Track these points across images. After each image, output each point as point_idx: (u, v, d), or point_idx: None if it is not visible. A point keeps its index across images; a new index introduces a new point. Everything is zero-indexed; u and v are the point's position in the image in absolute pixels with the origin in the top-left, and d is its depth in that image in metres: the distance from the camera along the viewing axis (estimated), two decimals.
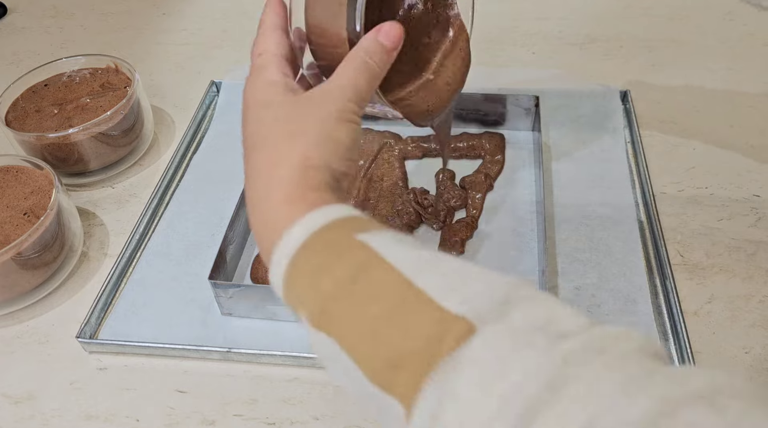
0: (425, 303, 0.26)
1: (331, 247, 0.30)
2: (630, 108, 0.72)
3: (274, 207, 0.33)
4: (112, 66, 0.72)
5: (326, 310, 0.29)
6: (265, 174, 0.34)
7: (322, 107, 0.35)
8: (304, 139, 0.34)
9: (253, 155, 0.36)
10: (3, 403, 0.51)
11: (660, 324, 0.53)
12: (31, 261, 0.55)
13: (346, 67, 0.36)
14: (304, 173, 0.33)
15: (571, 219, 0.60)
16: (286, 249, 0.31)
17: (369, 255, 0.29)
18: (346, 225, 0.31)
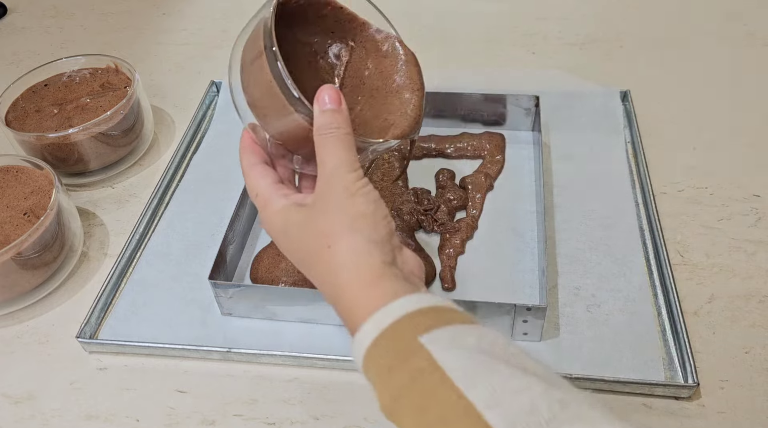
0: (474, 418, 0.28)
1: (397, 349, 0.33)
2: (630, 108, 0.72)
3: (347, 311, 0.36)
4: (112, 66, 0.72)
5: (393, 408, 0.32)
6: (327, 287, 0.38)
7: (330, 203, 0.37)
8: (338, 239, 0.37)
9: (309, 272, 0.39)
10: (3, 403, 0.51)
11: (660, 324, 0.53)
12: (31, 261, 0.55)
13: (321, 153, 0.38)
14: (358, 270, 0.36)
15: (571, 220, 0.60)
16: (361, 344, 0.34)
17: (428, 361, 0.31)
18: (411, 323, 0.33)
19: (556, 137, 0.69)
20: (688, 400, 0.48)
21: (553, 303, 0.54)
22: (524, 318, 0.49)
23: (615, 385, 0.48)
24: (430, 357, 0.31)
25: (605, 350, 0.50)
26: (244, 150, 0.45)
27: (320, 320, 0.53)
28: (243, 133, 0.45)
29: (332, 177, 0.38)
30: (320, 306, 0.52)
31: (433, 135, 0.68)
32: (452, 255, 0.58)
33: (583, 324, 0.52)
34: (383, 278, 0.35)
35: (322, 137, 0.38)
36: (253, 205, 0.62)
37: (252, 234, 0.61)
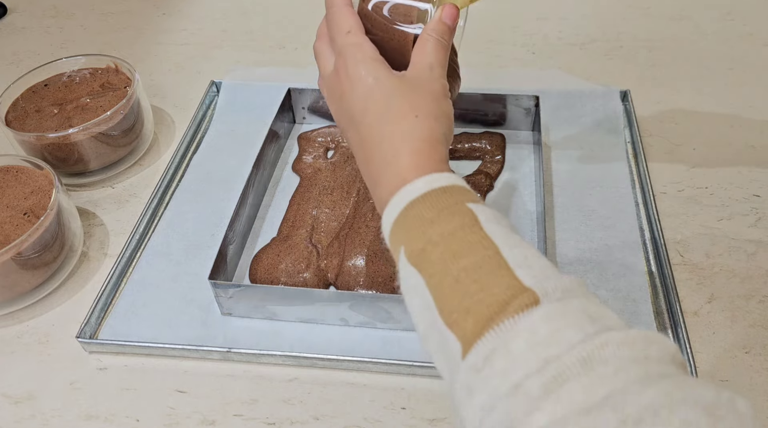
0: (505, 269, 0.32)
1: (445, 205, 0.35)
2: (630, 108, 0.72)
3: (403, 166, 0.38)
4: (112, 66, 0.72)
5: (425, 251, 0.34)
6: (395, 141, 0.39)
7: (429, 86, 0.41)
8: (426, 115, 0.40)
9: (374, 125, 0.40)
10: (3, 403, 0.51)
11: (660, 324, 0.53)
12: (31, 261, 0.55)
13: (426, 48, 0.42)
14: (432, 145, 0.39)
15: (571, 220, 0.60)
16: (407, 195, 0.36)
17: (472, 220, 0.34)
18: (460, 193, 0.36)
19: (556, 137, 0.69)
20: None
21: None
22: None
23: None
24: (474, 218, 0.34)
25: None
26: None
27: (320, 320, 0.53)
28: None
29: (435, 69, 0.41)
30: (320, 306, 0.52)
31: None
32: None
33: None
34: (440, 162, 0.38)
35: (430, 38, 0.42)
36: (253, 204, 0.62)
37: (252, 234, 0.61)
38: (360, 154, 0.41)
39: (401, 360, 0.50)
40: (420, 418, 0.48)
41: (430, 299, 0.33)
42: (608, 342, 0.28)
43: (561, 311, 0.29)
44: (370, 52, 0.41)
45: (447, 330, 0.32)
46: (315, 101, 0.72)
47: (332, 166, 0.66)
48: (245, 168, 0.63)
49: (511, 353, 0.29)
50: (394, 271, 0.55)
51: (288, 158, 0.69)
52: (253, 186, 0.62)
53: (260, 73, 0.81)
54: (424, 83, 0.41)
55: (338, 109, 0.43)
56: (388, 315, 0.52)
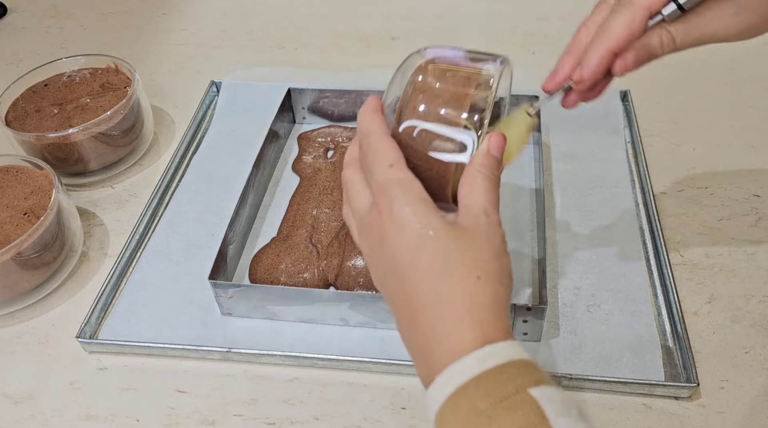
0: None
1: (503, 395, 0.30)
2: (630, 108, 0.72)
3: (465, 339, 0.32)
4: (112, 66, 0.72)
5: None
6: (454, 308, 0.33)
7: (489, 239, 0.35)
8: (489, 276, 0.34)
9: (426, 284, 0.34)
10: (3, 403, 0.51)
11: (660, 324, 0.53)
12: (31, 261, 0.55)
13: (475, 186, 0.36)
14: (496, 314, 0.33)
15: (571, 220, 0.60)
16: (455, 376, 0.31)
17: (538, 416, 0.29)
18: (520, 372, 0.31)
19: (556, 137, 0.69)
20: (688, 400, 0.48)
21: (553, 303, 0.54)
22: (524, 318, 0.49)
23: (615, 385, 0.48)
24: (540, 412, 0.29)
25: (605, 350, 0.50)
26: (375, 111, 0.39)
27: (320, 320, 0.53)
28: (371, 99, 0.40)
29: (490, 214, 0.36)
30: (320, 306, 0.52)
31: None
32: None
33: (583, 324, 0.52)
34: (509, 332, 0.33)
35: (479, 174, 0.37)
36: (253, 204, 0.62)
37: (252, 234, 0.61)
38: (402, 311, 0.35)
39: (401, 360, 0.50)
40: (420, 418, 0.48)
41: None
42: None
43: None
44: (419, 192, 0.36)
45: None
46: (315, 101, 0.72)
47: (332, 166, 0.66)
48: (245, 168, 0.63)
49: None
50: None
51: (288, 158, 0.69)
52: (253, 186, 0.62)
53: (260, 73, 0.81)
54: (482, 234, 0.35)
55: (377, 253, 0.36)
56: (388, 315, 0.52)
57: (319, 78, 0.79)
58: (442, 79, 0.40)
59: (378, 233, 0.36)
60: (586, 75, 0.41)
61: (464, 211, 0.36)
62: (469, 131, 0.38)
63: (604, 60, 0.41)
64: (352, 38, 0.88)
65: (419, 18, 0.90)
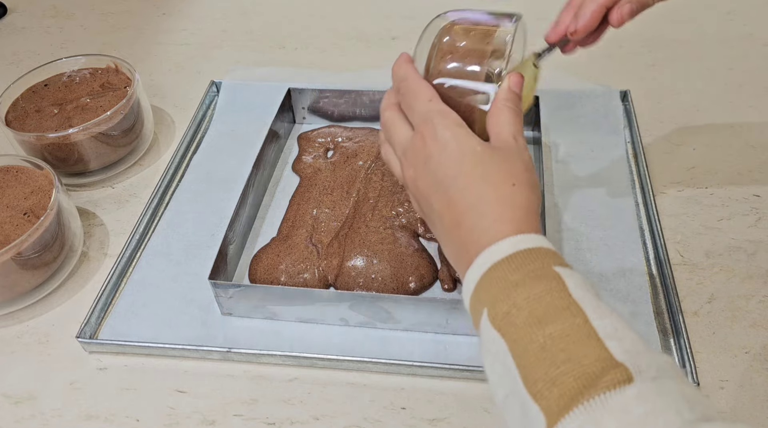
0: (594, 339, 0.30)
1: (531, 268, 0.34)
2: (630, 108, 0.72)
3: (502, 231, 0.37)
4: (112, 66, 0.72)
5: (510, 314, 0.33)
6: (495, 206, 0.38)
7: (520, 156, 0.40)
8: (523, 184, 0.39)
9: (469, 189, 0.39)
10: (3, 403, 0.51)
11: (660, 324, 0.53)
12: (31, 261, 0.55)
13: (502, 118, 0.42)
14: (529, 214, 0.38)
15: (571, 220, 0.60)
16: (491, 256, 0.36)
17: (560, 286, 0.33)
18: (547, 256, 0.35)
19: (556, 137, 0.69)
20: None
21: None
22: None
23: None
24: (562, 283, 0.33)
25: None
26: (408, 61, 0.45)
27: (320, 320, 0.53)
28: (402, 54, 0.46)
29: (518, 138, 0.41)
30: (320, 306, 0.52)
31: None
32: None
33: None
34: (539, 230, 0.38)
35: (505, 107, 0.42)
36: (253, 204, 0.62)
37: (252, 234, 0.61)
38: (446, 218, 0.40)
39: (401, 360, 0.50)
40: (420, 418, 0.48)
41: (513, 366, 0.31)
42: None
43: (656, 391, 0.28)
44: (457, 118, 0.41)
45: (531, 401, 0.30)
46: (315, 101, 0.72)
47: (332, 166, 0.66)
48: (245, 168, 0.63)
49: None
50: (393, 272, 0.55)
51: (288, 158, 0.69)
52: (253, 186, 0.62)
53: (260, 73, 0.81)
54: (514, 152, 0.40)
55: (422, 174, 0.41)
56: (388, 315, 0.52)
57: (319, 78, 0.79)
58: (465, 38, 0.45)
59: (423, 155, 0.41)
60: (580, 27, 0.49)
61: (495, 137, 0.41)
62: (490, 80, 0.44)
63: (596, 14, 0.49)
64: (352, 38, 0.88)
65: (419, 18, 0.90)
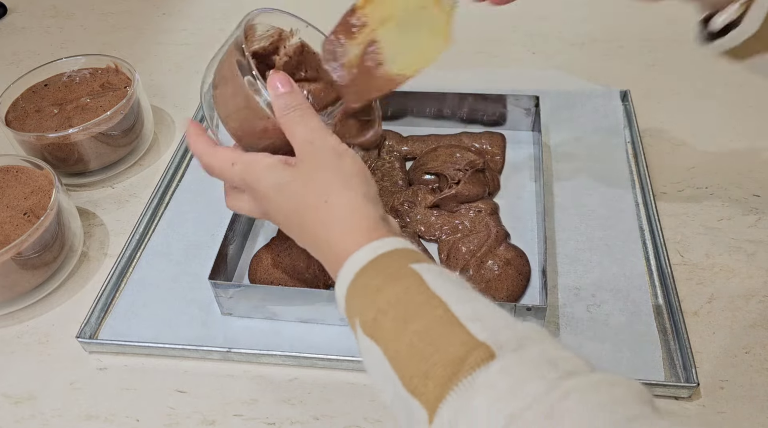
0: (456, 326, 0.31)
1: (389, 271, 0.35)
2: (630, 108, 0.72)
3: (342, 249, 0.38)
4: (112, 66, 0.72)
5: (377, 320, 0.34)
6: (321, 235, 0.39)
7: (320, 161, 0.40)
8: (334, 193, 0.39)
9: (301, 227, 0.41)
10: (3, 403, 0.51)
11: (660, 324, 0.53)
12: (31, 261, 0.55)
13: (291, 128, 0.41)
14: (356, 217, 0.38)
15: (571, 220, 0.60)
16: (352, 266, 0.36)
17: (417, 281, 0.34)
18: (404, 256, 0.36)
19: (556, 137, 0.69)
20: (688, 400, 0.48)
21: (553, 303, 0.54)
22: (524, 318, 0.49)
23: None
24: (419, 279, 0.34)
25: (605, 350, 0.50)
26: (197, 135, 0.45)
27: (320, 320, 0.53)
28: (192, 125, 0.46)
29: (315, 140, 0.40)
30: (320, 306, 0.52)
31: (432, 135, 0.68)
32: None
33: (583, 324, 0.52)
34: (377, 229, 0.38)
35: (286, 116, 0.41)
36: None
37: (252, 234, 0.61)
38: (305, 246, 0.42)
39: None
40: None
41: (389, 369, 0.32)
42: (571, 390, 0.27)
43: (518, 361, 0.29)
44: (264, 161, 0.41)
45: (411, 398, 0.31)
46: None
47: None
48: None
49: (473, 413, 0.28)
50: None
51: None
52: None
53: None
54: (313, 160, 0.40)
55: (275, 221, 0.43)
56: None
57: None
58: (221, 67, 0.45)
59: (262, 213, 0.43)
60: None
61: (296, 150, 0.41)
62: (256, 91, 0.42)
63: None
64: None
65: None
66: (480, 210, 0.59)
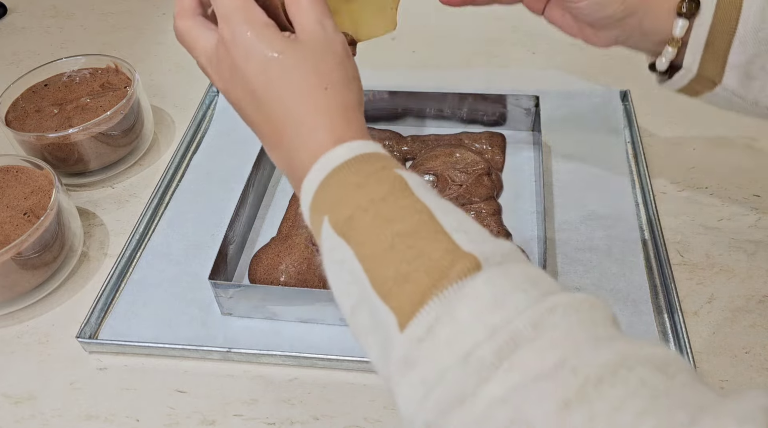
0: (441, 234, 0.30)
1: (371, 171, 0.33)
2: (630, 108, 0.72)
3: (321, 140, 0.35)
4: (112, 66, 0.72)
5: (354, 218, 0.32)
6: (308, 118, 0.36)
7: (329, 48, 0.37)
8: (335, 84, 0.36)
9: (280, 102, 0.36)
10: (3, 403, 0.51)
11: (660, 324, 0.53)
12: (31, 261, 0.55)
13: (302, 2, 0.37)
14: (347, 116, 0.36)
15: (571, 220, 0.60)
16: (328, 163, 0.34)
17: (402, 185, 0.32)
18: (386, 160, 0.34)
19: (556, 137, 0.69)
20: None
21: None
22: None
23: None
24: (404, 183, 0.33)
25: None
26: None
27: (320, 320, 0.53)
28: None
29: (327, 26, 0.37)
30: (320, 306, 0.52)
31: (432, 135, 0.69)
32: None
33: None
34: (363, 130, 0.37)
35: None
36: (253, 204, 0.62)
37: (252, 234, 0.61)
38: (265, 131, 0.38)
39: None
40: None
41: (359, 270, 0.31)
42: (556, 305, 0.27)
43: (503, 275, 0.28)
44: (260, 16, 0.37)
45: (380, 303, 0.29)
46: None
47: None
48: (245, 168, 0.63)
49: (456, 321, 0.27)
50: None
51: None
52: (253, 186, 0.62)
53: None
54: (321, 45, 0.37)
55: (231, 86, 0.38)
56: None
57: None
58: None
59: (227, 62, 0.37)
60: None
61: (299, 28, 0.37)
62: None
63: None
64: None
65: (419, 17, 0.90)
66: (482, 211, 0.59)
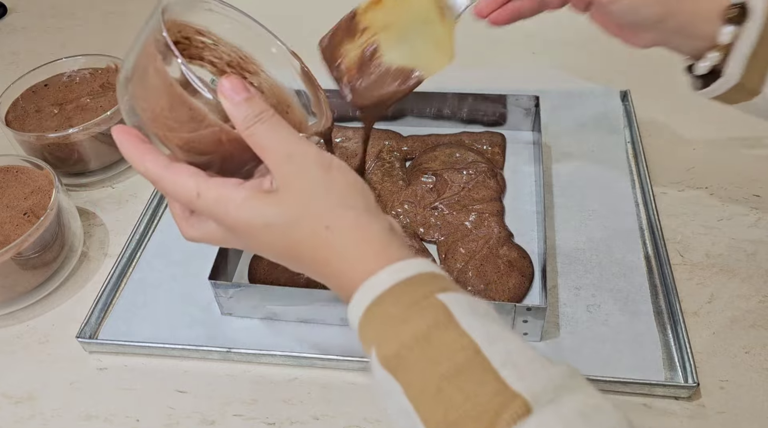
0: (489, 372, 0.29)
1: (414, 300, 0.32)
2: (630, 108, 0.72)
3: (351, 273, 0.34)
4: (112, 66, 0.72)
5: (400, 356, 0.31)
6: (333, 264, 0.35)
7: (307, 182, 0.35)
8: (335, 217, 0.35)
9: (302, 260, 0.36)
10: (3, 403, 0.51)
11: (660, 324, 0.53)
12: (31, 261, 0.55)
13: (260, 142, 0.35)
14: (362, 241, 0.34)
15: (571, 220, 0.60)
16: (371, 290, 0.33)
17: (446, 316, 0.31)
18: (429, 282, 0.33)
19: (556, 137, 0.69)
20: (688, 400, 0.48)
21: (553, 303, 0.54)
22: (524, 318, 0.49)
23: (615, 385, 0.48)
24: (447, 313, 0.31)
25: (605, 350, 0.50)
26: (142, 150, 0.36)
27: (320, 320, 0.53)
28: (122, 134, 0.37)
29: (293, 153, 0.34)
30: (320, 306, 0.52)
31: (432, 135, 0.68)
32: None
33: (583, 324, 0.52)
34: (391, 246, 0.34)
35: (251, 128, 0.34)
36: None
37: None
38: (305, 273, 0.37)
39: None
40: None
41: (410, 408, 0.30)
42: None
43: (555, 416, 0.28)
44: (236, 197, 0.35)
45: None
46: None
47: None
48: None
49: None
50: None
51: None
52: None
53: None
54: (297, 183, 0.34)
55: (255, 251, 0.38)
56: None
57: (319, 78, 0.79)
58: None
59: (241, 244, 0.38)
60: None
61: (272, 170, 0.35)
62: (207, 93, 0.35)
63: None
64: None
65: None
66: (483, 211, 0.59)
